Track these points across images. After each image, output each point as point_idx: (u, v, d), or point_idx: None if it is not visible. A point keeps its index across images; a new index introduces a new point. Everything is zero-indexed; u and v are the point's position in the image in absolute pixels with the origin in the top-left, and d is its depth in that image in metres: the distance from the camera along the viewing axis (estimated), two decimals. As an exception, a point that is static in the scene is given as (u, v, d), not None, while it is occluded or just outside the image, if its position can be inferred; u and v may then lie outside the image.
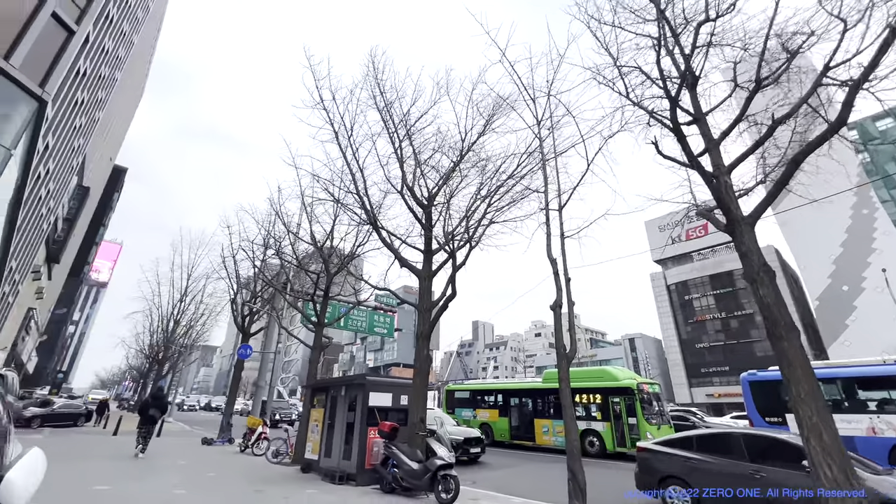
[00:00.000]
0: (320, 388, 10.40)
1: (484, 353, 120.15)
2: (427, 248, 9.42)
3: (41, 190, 17.35)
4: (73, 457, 9.68)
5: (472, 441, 11.84)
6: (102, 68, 20.04)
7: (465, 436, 11.79)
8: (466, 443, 11.63)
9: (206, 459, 10.65)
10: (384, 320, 21.49)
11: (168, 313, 32.55)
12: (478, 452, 11.91)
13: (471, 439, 11.85)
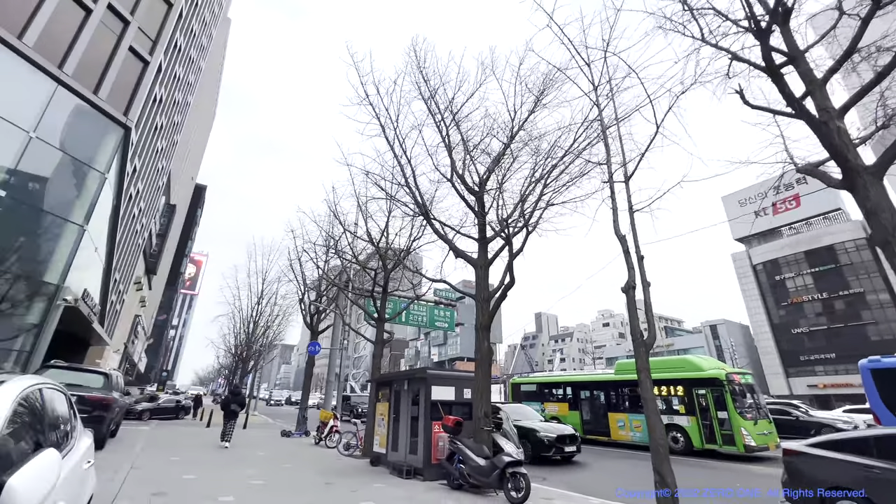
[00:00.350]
0: (384, 382, 10.46)
1: (549, 345, 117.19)
2: (481, 236, 9.03)
3: (134, 208, 19.39)
4: (171, 445, 10.61)
5: (565, 439, 10.78)
6: (176, 94, 21.94)
7: (557, 433, 10.77)
8: (560, 441, 10.61)
9: (283, 451, 11.18)
10: (445, 314, 21.44)
11: (248, 316, 35.21)
12: (573, 451, 10.83)
13: (564, 436, 10.78)
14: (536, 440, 10.66)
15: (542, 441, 10.56)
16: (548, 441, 10.48)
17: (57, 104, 12.10)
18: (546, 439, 10.51)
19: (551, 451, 10.40)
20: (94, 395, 8.41)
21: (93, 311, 15.28)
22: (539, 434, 10.71)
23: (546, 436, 10.59)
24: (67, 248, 12.42)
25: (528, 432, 10.86)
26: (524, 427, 10.97)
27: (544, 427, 11.05)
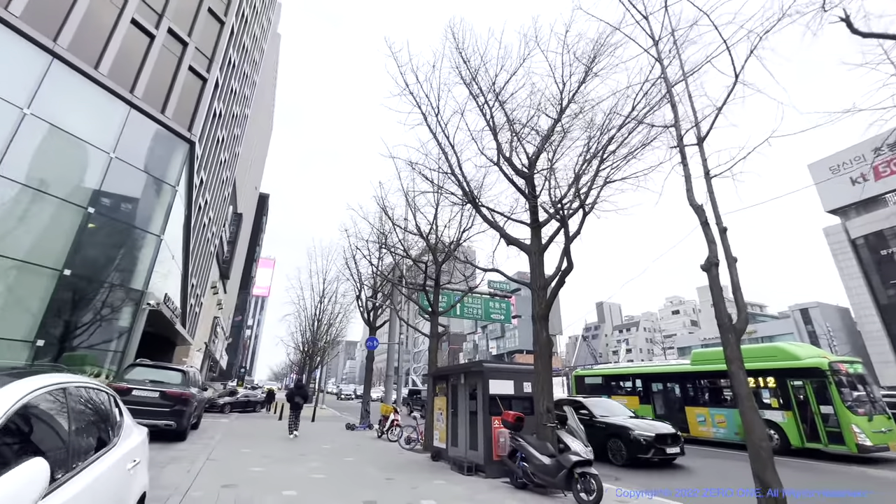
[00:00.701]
0: (441, 376, 10.27)
1: (612, 335, 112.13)
2: (534, 220, 8.46)
3: (203, 218, 20.88)
4: (245, 437, 11.23)
5: (666, 438, 9.28)
6: (234, 107, 23.29)
7: (655, 431, 9.31)
8: (659, 440, 9.16)
9: (346, 444, 11.41)
10: (500, 306, 20.94)
11: (312, 314, 37.05)
12: (675, 453, 9.31)
13: (665, 436, 9.28)
14: (631, 440, 9.30)
15: (637, 441, 9.19)
16: (645, 441, 9.13)
17: (131, 126, 13.19)
18: (643, 439, 9.17)
19: (649, 452, 9.03)
20: (174, 390, 9.03)
21: (174, 313, 16.68)
22: (634, 433, 9.34)
23: (643, 435, 9.24)
24: (148, 256, 13.57)
25: (620, 431, 9.60)
26: (613, 424, 9.84)
27: (638, 425, 9.68)
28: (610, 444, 9.74)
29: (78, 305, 11.45)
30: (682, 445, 9.54)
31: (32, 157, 10.72)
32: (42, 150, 10.98)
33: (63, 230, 11.29)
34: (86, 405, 2.04)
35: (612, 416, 10.34)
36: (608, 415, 10.37)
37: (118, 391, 8.81)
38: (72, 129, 11.57)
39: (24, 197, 10.45)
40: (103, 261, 12.20)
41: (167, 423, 8.77)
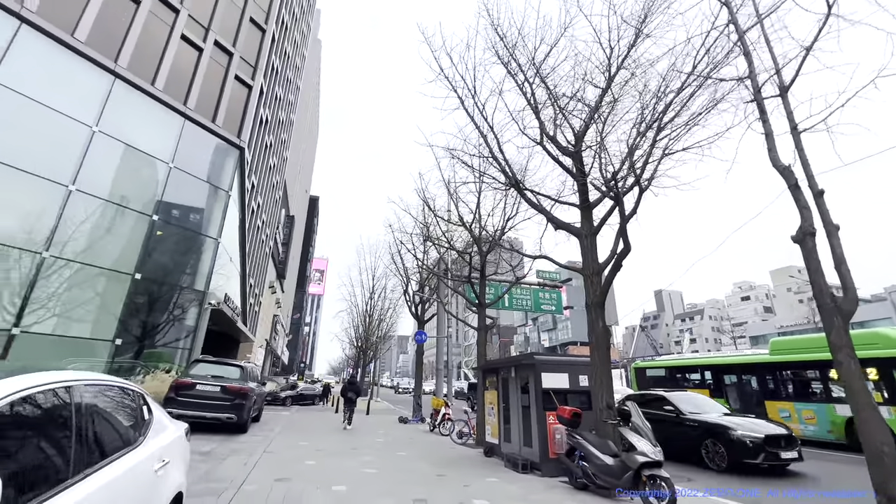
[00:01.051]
0: (490, 369, 9.91)
1: (674, 325, 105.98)
2: (583, 201, 7.82)
3: (257, 220, 21.88)
4: (302, 430, 11.57)
5: (778, 440, 7.69)
6: (279, 113, 24.15)
7: (764, 432, 7.74)
8: (770, 442, 7.59)
9: (399, 437, 11.40)
10: (551, 296, 20.15)
11: (363, 310, 38.05)
12: (791, 458, 7.68)
13: (776, 437, 7.70)
14: (733, 441, 7.80)
15: (741, 444, 7.69)
16: (752, 443, 7.60)
17: (186, 136, 13.95)
18: (749, 441, 7.63)
19: (758, 456, 7.51)
20: (233, 385, 9.42)
21: (235, 312, 17.63)
22: (736, 434, 7.81)
23: (749, 436, 7.70)
24: (208, 259, 14.36)
25: (717, 430, 8.16)
26: (707, 423, 8.39)
27: (740, 423, 8.12)
28: (706, 446, 8.32)
29: (148, 306, 12.33)
30: (800, 449, 7.88)
31: (102, 172, 11.60)
32: (110, 164, 11.86)
33: (133, 237, 12.17)
34: (100, 405, 1.91)
35: (703, 412, 8.85)
36: (698, 411, 8.89)
37: (183, 386, 9.34)
38: (135, 143, 12.41)
39: (98, 208, 11.34)
40: (168, 264, 13.05)
41: (228, 416, 9.15)
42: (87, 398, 1.78)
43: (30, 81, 10.24)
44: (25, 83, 10.14)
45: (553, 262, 8.25)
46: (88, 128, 11.32)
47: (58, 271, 10.43)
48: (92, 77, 11.60)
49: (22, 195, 10.01)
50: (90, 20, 11.59)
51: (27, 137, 10.18)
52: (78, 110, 11.16)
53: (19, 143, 9.98)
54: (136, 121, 12.62)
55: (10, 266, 9.66)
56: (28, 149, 10.11)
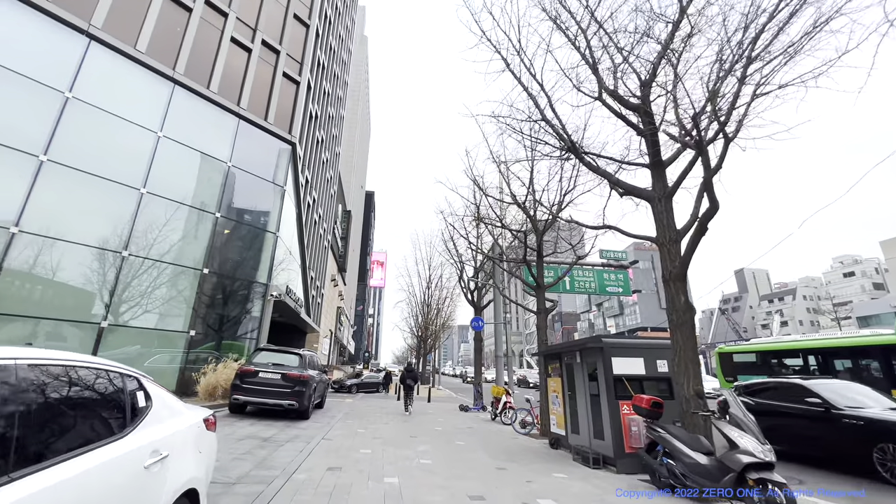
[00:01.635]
0: (552, 355, 9.12)
1: (759, 307, 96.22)
2: (655, 158, 6.72)
3: (314, 215, 22.51)
4: (363, 416, 11.59)
5: None
6: (329, 109, 24.56)
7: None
8: None
9: (459, 426, 11.01)
10: (617, 278, 18.59)
11: (421, 300, 38.40)
12: None
13: None
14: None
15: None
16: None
17: (241, 135, 14.47)
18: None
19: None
20: (293, 372, 9.54)
21: (297, 303, 18.30)
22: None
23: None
24: (268, 252, 14.90)
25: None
26: (878, 421, 6.29)
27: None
28: (882, 451, 6.18)
29: (216, 299, 13.01)
30: None
31: (168, 174, 12.30)
32: (174, 167, 12.55)
33: (199, 234, 12.85)
34: (57, 390, 1.57)
35: (864, 406, 6.82)
36: (858, 405, 6.85)
37: (246, 374, 9.62)
38: (195, 145, 13.04)
39: (166, 209, 12.06)
40: (232, 259, 13.68)
41: (290, 403, 9.29)
42: (29, 380, 1.43)
43: (102, 94, 11.02)
44: (98, 95, 10.92)
45: (621, 233, 7.24)
46: (154, 133, 12.02)
47: (136, 269, 11.25)
48: (154, 85, 12.29)
49: (103, 200, 10.85)
50: (149, 31, 12.24)
51: (103, 146, 11.00)
52: (144, 117, 11.88)
53: (97, 152, 10.80)
54: (195, 124, 13.24)
55: (99, 266, 10.54)
56: (104, 157, 10.92)
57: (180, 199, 12.41)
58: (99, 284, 10.46)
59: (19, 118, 9.62)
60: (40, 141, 9.71)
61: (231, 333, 13.31)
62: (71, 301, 10.05)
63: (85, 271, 10.25)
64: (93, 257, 10.40)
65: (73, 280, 10.07)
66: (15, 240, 9.02)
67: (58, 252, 9.78)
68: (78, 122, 10.45)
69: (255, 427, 8.35)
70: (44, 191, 9.60)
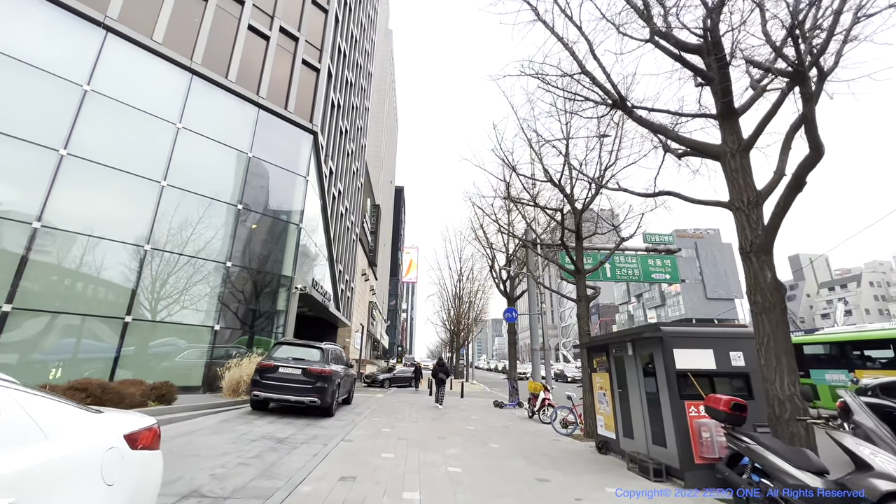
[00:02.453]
0: (597, 347, 8.02)
1: (819, 295, 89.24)
2: (726, 106, 5.49)
3: (340, 207, 22.11)
4: (391, 413, 10.93)
5: None
6: (352, 99, 24.05)
7: None
8: None
9: (493, 425, 10.13)
10: (664, 264, 16.99)
11: (452, 293, 37.69)
12: None
13: None
14: None
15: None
16: None
17: (261, 125, 14.09)
18: None
19: None
20: (314, 367, 8.97)
21: (325, 297, 17.94)
22: None
23: None
24: (292, 244, 14.50)
25: None
26: None
27: None
28: None
29: (241, 292, 12.71)
30: None
31: (189, 166, 12.04)
32: (196, 158, 12.28)
33: (221, 227, 12.56)
34: None
35: None
36: None
37: (266, 369, 9.13)
38: (215, 136, 12.73)
39: (187, 201, 11.81)
40: (255, 251, 13.34)
41: (311, 400, 8.73)
42: None
43: (120, 86, 10.82)
44: (117, 88, 10.73)
45: (683, 199, 6.02)
46: (173, 125, 11.77)
47: (159, 263, 11.05)
48: (171, 75, 12.03)
49: (124, 193, 10.68)
50: (165, 21, 11.97)
51: (122, 139, 10.82)
52: (162, 108, 11.65)
53: (116, 146, 10.62)
54: (214, 114, 12.93)
55: (120, 260, 10.39)
56: (123, 150, 10.74)
57: (201, 191, 12.13)
58: (122, 278, 10.30)
59: (39, 112, 9.53)
60: (61, 135, 9.58)
61: (257, 327, 13.00)
62: (92, 295, 9.92)
63: (106, 265, 10.10)
64: (114, 251, 10.24)
65: (94, 274, 9.93)
66: (37, 235, 8.91)
67: (79, 247, 9.66)
68: (98, 116, 10.29)
69: (274, 426, 7.81)
70: (65, 185, 9.47)
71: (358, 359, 28.46)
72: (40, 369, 8.64)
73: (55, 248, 9.29)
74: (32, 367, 8.56)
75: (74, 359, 9.25)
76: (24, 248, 8.70)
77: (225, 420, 7.99)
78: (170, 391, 7.90)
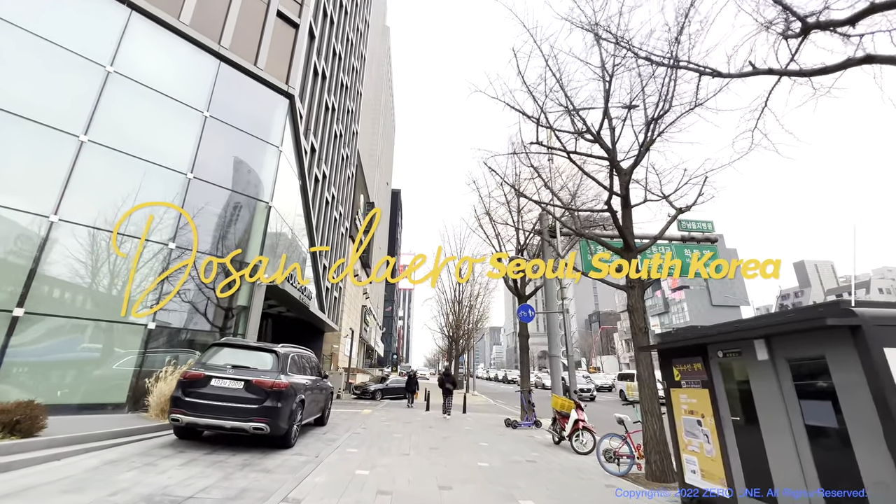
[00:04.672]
0: (685, 349, 5.35)
1: (827, 301, 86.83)
2: None
3: (325, 193, 19.49)
4: (375, 439, 8.27)
5: None
6: (341, 75, 21.57)
7: None
8: None
9: (514, 457, 7.46)
10: (702, 255, 14.45)
11: (451, 297, 35.05)
12: None
13: None
14: None
15: None
16: None
17: (222, 80, 11.55)
18: None
19: None
20: (263, 378, 6.30)
21: (304, 294, 15.26)
22: None
23: None
24: (259, 226, 11.87)
25: None
26: None
27: None
28: None
29: (188, 282, 10.04)
30: None
31: (122, 121, 9.45)
32: (133, 113, 9.70)
33: (166, 198, 9.94)
34: None
35: None
36: None
37: (192, 381, 6.36)
38: (162, 88, 10.17)
39: (122, 164, 9.20)
40: (210, 231, 10.70)
41: (257, 426, 6.04)
42: None
43: (25, 11, 8.29)
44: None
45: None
46: (101, 67, 9.21)
47: (73, 241, 8.39)
48: (104, 6, 9.52)
49: (24, 148, 8.07)
50: (94, -62, 9.48)
51: (34, 78, 8.24)
52: (89, 47, 9.09)
53: (21, 84, 8.05)
54: (160, 61, 10.40)
55: (18, 235, 7.74)
56: (35, 92, 8.16)
57: (137, 153, 9.53)
58: (15, 259, 7.64)
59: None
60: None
61: (205, 327, 10.32)
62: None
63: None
64: (7, 224, 7.59)
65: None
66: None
67: None
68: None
69: (188, 470, 5.11)
70: None
71: (347, 367, 25.66)
72: None
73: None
74: None
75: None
76: None
77: (116, 460, 5.28)
78: (31, 417, 5.17)
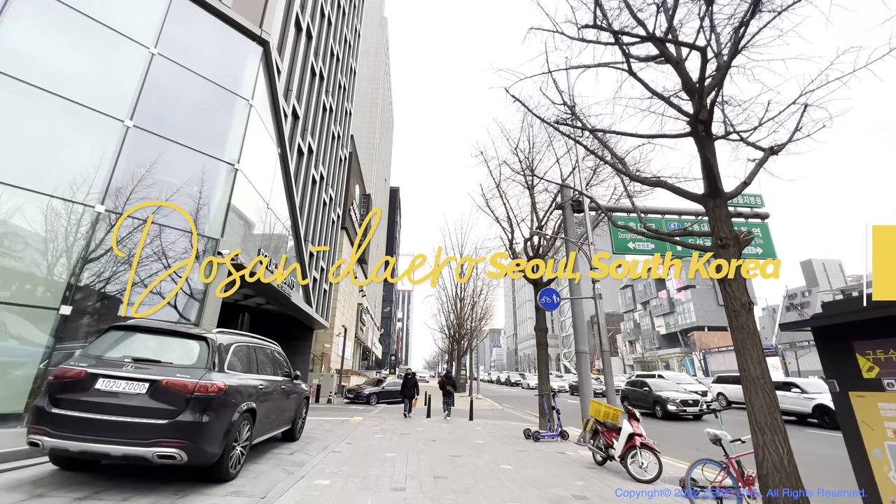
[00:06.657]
0: (890, 323, 3.16)
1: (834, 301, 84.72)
2: None
3: (313, 171, 17.30)
4: (357, 462, 6.10)
5: None
6: (331, 43, 19.40)
7: None
8: None
9: (550, 487, 5.27)
10: (750, 234, 12.32)
11: (452, 294, 33.00)
12: None
13: None
14: None
15: None
16: None
17: (177, 14, 9.39)
18: None
19: None
20: (177, 379, 4.10)
21: (287, 284, 13.05)
22: None
23: None
24: (220, 190, 9.65)
25: None
26: None
27: None
28: None
29: (121, 259, 7.82)
30: None
31: (33, 51, 7.30)
32: (52, 44, 7.55)
33: (95, 150, 7.75)
34: None
35: None
36: None
37: (67, 384, 3.82)
38: (92, 13, 8.02)
39: (34, 104, 7.03)
40: (154, 195, 8.49)
41: (165, 454, 3.83)
42: None
43: None
44: None
45: None
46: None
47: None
48: None
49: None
50: None
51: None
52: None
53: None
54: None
55: None
56: None
57: (56, 89, 7.35)
58: None
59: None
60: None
61: (146, 315, 8.10)
62: None
63: None
64: None
65: None
66: None
67: None
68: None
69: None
70: None
71: (340, 369, 23.41)
72: None
73: None
74: None
75: None
76: None
77: None
78: None
